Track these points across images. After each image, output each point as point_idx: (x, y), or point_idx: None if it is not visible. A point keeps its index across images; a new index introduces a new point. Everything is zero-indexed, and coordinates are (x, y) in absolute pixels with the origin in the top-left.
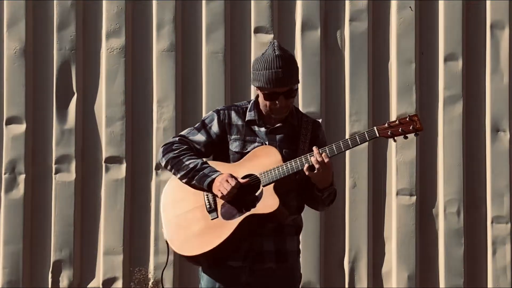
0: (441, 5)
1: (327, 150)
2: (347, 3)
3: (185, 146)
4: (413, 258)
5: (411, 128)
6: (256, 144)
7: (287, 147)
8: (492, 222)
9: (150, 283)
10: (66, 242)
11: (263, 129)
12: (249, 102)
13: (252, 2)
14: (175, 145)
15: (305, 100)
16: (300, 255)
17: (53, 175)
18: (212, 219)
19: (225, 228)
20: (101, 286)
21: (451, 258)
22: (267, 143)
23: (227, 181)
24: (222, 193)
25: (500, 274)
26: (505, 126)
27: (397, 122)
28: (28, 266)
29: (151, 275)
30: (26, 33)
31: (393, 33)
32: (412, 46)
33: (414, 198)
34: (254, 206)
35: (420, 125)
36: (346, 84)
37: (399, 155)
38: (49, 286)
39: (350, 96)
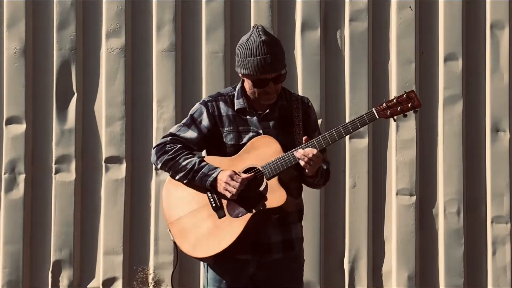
0: (441, 5)
1: (322, 141)
2: (347, 3)
3: (179, 146)
4: (413, 258)
5: (409, 105)
6: (251, 134)
7: (282, 132)
8: (492, 222)
9: (150, 283)
10: (66, 242)
11: (254, 117)
12: (234, 88)
13: (252, 2)
14: (168, 145)
15: None
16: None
17: (53, 175)
18: (219, 218)
19: (234, 226)
20: (101, 286)
21: (451, 258)
22: (261, 131)
23: (232, 179)
24: (230, 192)
25: (500, 274)
26: (505, 126)
27: (394, 101)
28: (28, 266)
29: (151, 277)
30: (26, 33)
31: (393, 33)
32: (412, 46)
33: (414, 198)
34: (260, 200)
35: (418, 101)
36: (346, 84)
37: (399, 155)
38: (49, 286)
39: (350, 96)
